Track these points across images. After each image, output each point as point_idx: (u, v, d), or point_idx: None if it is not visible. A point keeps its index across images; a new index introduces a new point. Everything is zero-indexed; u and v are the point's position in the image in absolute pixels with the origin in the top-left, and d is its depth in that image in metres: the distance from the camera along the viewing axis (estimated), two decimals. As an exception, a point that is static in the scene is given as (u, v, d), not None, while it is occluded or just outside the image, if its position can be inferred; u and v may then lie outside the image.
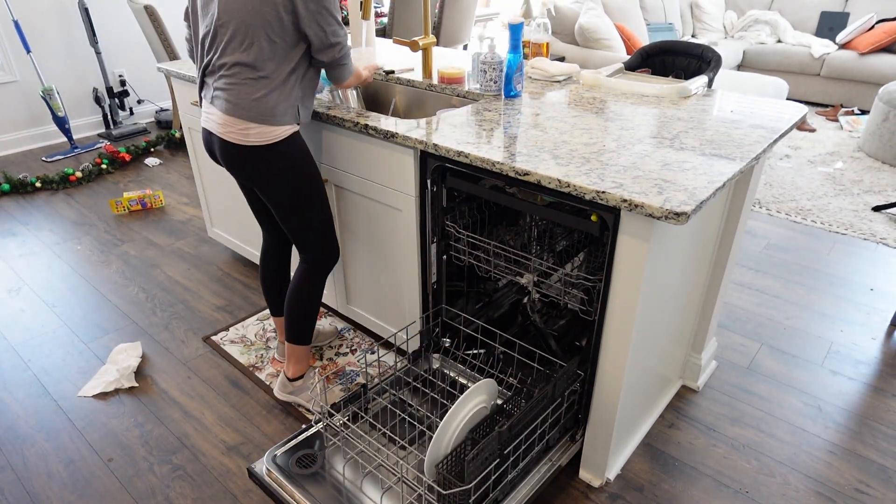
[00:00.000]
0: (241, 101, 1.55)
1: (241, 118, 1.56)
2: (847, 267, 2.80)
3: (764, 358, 2.22)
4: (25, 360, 2.24)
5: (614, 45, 4.29)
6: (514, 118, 1.74)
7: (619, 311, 1.42)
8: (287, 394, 1.95)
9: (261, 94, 1.55)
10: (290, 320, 1.85)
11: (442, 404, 1.73)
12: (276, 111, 1.57)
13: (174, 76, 2.41)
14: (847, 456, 1.82)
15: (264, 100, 1.55)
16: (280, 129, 1.60)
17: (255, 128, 1.57)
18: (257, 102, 1.55)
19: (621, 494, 1.69)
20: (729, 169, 1.38)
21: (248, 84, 1.55)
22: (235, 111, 1.56)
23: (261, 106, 1.56)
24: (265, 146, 1.60)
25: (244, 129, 1.58)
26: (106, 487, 1.73)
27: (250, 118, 1.56)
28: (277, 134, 1.60)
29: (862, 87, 4.96)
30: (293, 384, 1.93)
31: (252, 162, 1.63)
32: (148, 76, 4.81)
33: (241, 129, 1.58)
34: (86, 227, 3.20)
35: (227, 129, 1.59)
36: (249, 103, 1.55)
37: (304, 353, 1.91)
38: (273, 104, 1.56)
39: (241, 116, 1.56)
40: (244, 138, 1.59)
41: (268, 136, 1.59)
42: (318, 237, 1.78)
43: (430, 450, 1.34)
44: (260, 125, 1.57)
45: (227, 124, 1.59)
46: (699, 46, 2.18)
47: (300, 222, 1.74)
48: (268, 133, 1.58)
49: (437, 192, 1.71)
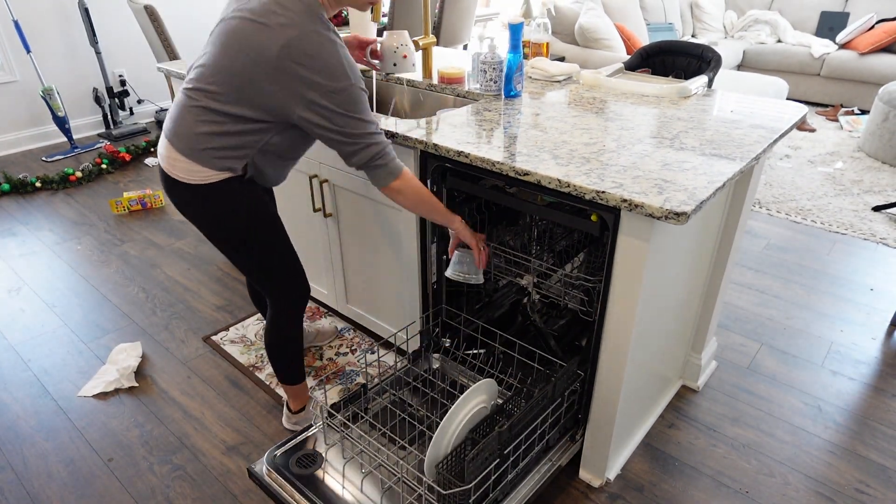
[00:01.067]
0: (178, 126, 1.36)
1: (171, 145, 1.37)
2: (847, 267, 2.80)
3: (764, 358, 2.22)
4: (25, 360, 2.24)
5: (614, 45, 4.29)
6: (514, 118, 1.74)
7: (619, 311, 1.42)
8: (293, 424, 1.90)
9: (200, 130, 1.33)
10: (275, 363, 1.75)
11: (442, 404, 1.73)
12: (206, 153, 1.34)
13: (174, 76, 2.41)
14: (847, 456, 1.82)
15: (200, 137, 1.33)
16: (206, 172, 1.37)
17: (181, 162, 1.36)
18: (192, 136, 1.33)
19: (621, 494, 1.69)
20: (729, 169, 1.38)
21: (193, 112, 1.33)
22: (169, 135, 1.38)
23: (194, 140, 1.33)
24: (191, 185, 1.38)
25: (173, 158, 1.38)
26: (106, 487, 1.73)
27: (178, 148, 1.35)
28: (204, 176, 1.37)
29: (862, 87, 4.96)
30: (297, 416, 1.89)
31: (179, 198, 1.42)
32: (148, 76, 4.81)
33: (170, 158, 1.38)
34: (86, 227, 3.20)
35: (162, 153, 1.41)
36: (184, 132, 1.34)
37: (301, 390, 1.83)
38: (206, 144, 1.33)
39: (171, 144, 1.37)
40: (171, 169, 1.39)
41: (193, 177, 1.37)
42: (278, 282, 1.59)
43: (430, 450, 1.34)
44: (185, 160, 1.35)
45: (163, 148, 1.41)
46: (699, 46, 2.18)
47: (254, 268, 1.56)
48: (194, 172, 1.36)
49: (437, 192, 1.71)
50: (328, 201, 2.05)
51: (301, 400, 1.86)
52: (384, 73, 2.31)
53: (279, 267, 1.57)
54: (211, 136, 1.33)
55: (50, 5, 4.16)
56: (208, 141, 1.34)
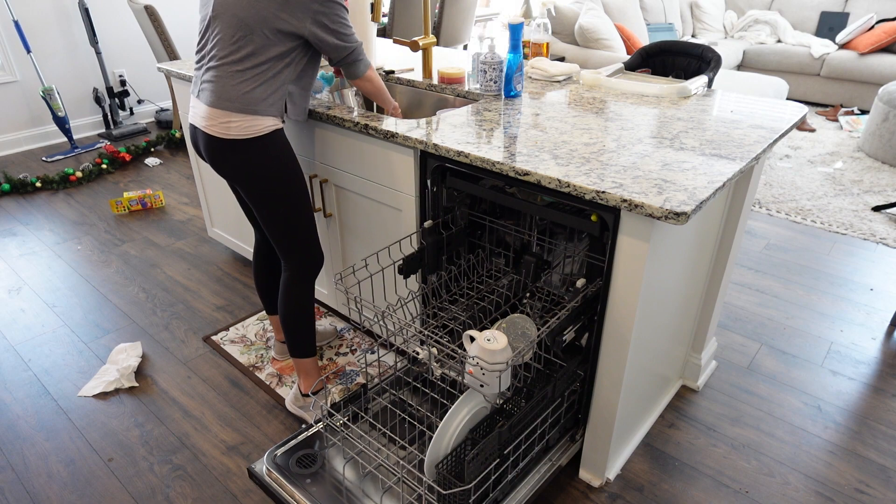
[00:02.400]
0: (225, 92, 1.53)
1: (224, 110, 1.54)
2: (847, 267, 2.80)
3: (764, 358, 2.22)
4: (25, 360, 2.24)
5: (614, 45, 4.29)
6: (514, 118, 1.74)
7: (619, 311, 1.42)
8: (298, 408, 1.91)
9: (248, 88, 1.53)
10: (288, 334, 1.82)
11: (442, 404, 1.73)
12: (260, 104, 1.55)
13: (174, 76, 2.41)
14: (847, 456, 1.82)
15: (251, 93, 1.53)
16: (263, 122, 1.57)
17: (236, 120, 1.55)
18: (243, 95, 1.53)
19: (621, 494, 1.69)
20: (729, 169, 1.38)
21: (235, 76, 1.53)
22: (219, 103, 1.54)
23: (246, 98, 1.53)
24: (246, 140, 1.57)
25: (226, 121, 1.55)
26: (106, 487, 1.73)
27: (234, 109, 1.54)
28: (260, 128, 1.57)
29: (862, 87, 4.97)
30: (306, 399, 1.89)
31: (233, 157, 1.60)
32: (148, 76, 4.81)
33: (223, 122, 1.55)
34: (86, 227, 3.20)
35: (210, 123, 1.57)
36: (234, 95, 1.53)
37: (311, 366, 1.86)
38: (259, 97, 1.54)
39: (224, 108, 1.54)
40: (226, 132, 1.56)
41: (250, 130, 1.56)
42: (299, 241, 1.73)
43: (430, 450, 1.34)
44: (242, 117, 1.54)
45: (211, 117, 1.56)
46: (699, 46, 2.18)
47: (281, 224, 1.70)
48: (250, 127, 1.56)
49: (437, 192, 1.71)
50: (328, 201, 2.05)
51: (312, 379, 1.88)
52: (384, 74, 2.31)
53: (304, 225, 1.72)
54: (255, 88, 1.53)
55: (50, 5, 4.17)
56: (254, 92, 1.53)
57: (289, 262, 1.76)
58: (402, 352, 2.13)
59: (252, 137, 1.57)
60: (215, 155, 1.61)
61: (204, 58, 1.59)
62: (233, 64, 1.52)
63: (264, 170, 1.61)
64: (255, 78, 1.53)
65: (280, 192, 1.65)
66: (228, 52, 1.52)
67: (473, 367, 1.32)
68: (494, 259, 1.92)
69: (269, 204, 1.66)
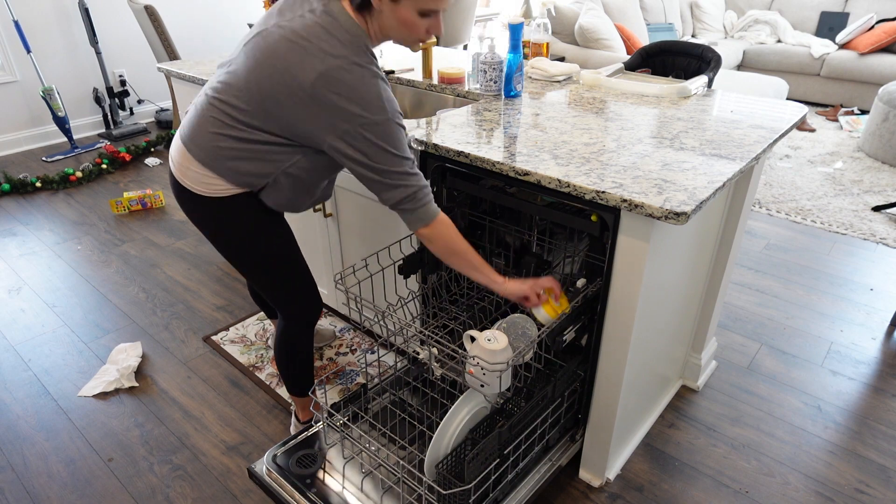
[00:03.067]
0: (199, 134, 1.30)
1: (188, 151, 1.32)
2: (847, 267, 2.80)
3: (764, 358, 2.22)
4: (25, 360, 2.24)
5: (614, 45, 4.29)
6: (514, 118, 1.74)
7: (619, 311, 1.42)
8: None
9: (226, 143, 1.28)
10: (285, 376, 1.72)
11: (442, 404, 1.73)
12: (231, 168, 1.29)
13: (174, 76, 2.41)
14: (847, 456, 1.82)
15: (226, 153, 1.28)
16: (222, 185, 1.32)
17: (195, 169, 1.31)
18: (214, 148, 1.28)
19: (621, 494, 1.69)
20: (729, 169, 1.38)
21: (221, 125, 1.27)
22: (187, 142, 1.32)
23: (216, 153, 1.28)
24: (201, 196, 1.34)
25: (186, 165, 1.33)
26: (106, 487, 1.73)
27: (196, 156, 1.30)
28: (217, 189, 1.32)
29: (862, 87, 4.97)
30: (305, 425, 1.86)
31: (188, 206, 1.39)
32: (148, 76, 4.81)
33: (183, 165, 1.34)
34: (86, 227, 3.20)
35: (174, 157, 1.37)
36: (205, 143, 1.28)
37: (309, 401, 1.82)
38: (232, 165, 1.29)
39: (188, 150, 1.31)
40: (183, 176, 1.34)
41: (205, 188, 1.32)
42: (287, 296, 1.56)
43: (430, 450, 1.34)
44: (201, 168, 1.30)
45: (176, 152, 1.36)
46: (699, 46, 2.18)
47: (263, 282, 1.52)
48: (207, 183, 1.32)
49: (437, 192, 1.71)
50: (328, 201, 2.05)
51: (309, 411, 1.84)
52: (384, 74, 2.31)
53: (290, 285, 1.54)
54: (232, 150, 1.28)
55: (50, 5, 4.17)
56: (229, 154, 1.28)
57: (283, 313, 1.60)
58: (402, 352, 2.13)
59: (206, 196, 1.34)
60: (175, 195, 1.41)
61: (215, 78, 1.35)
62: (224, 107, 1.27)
63: (223, 231, 1.39)
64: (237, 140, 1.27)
65: (250, 254, 1.45)
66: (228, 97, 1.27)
67: (474, 368, 1.31)
68: (494, 259, 1.92)
69: (240, 265, 1.48)
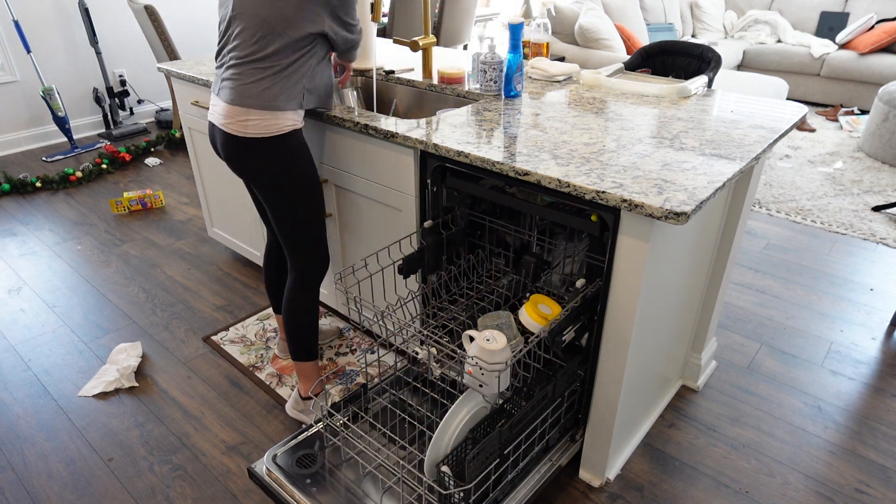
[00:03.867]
0: (245, 90, 1.54)
1: (243, 107, 1.55)
2: (847, 267, 2.80)
3: (764, 358, 2.22)
4: (25, 360, 2.24)
5: (614, 45, 4.29)
6: (514, 118, 1.74)
7: (619, 311, 1.42)
8: (298, 412, 1.91)
9: (267, 85, 1.54)
10: (290, 337, 1.81)
11: (442, 404, 1.73)
12: (279, 99, 1.55)
13: (174, 76, 2.41)
14: (847, 456, 1.82)
15: (270, 90, 1.54)
16: (281, 121, 1.57)
17: (255, 118, 1.55)
18: (262, 92, 1.54)
19: (621, 494, 1.69)
20: (729, 169, 1.38)
21: (255, 73, 1.54)
22: (239, 100, 1.55)
23: (265, 95, 1.54)
24: (264, 139, 1.57)
25: (244, 119, 1.55)
26: (106, 487, 1.73)
27: (253, 106, 1.54)
28: (278, 127, 1.57)
29: (862, 87, 4.97)
30: (305, 403, 1.89)
31: (250, 156, 1.60)
32: (148, 76, 4.81)
33: (241, 120, 1.56)
34: (86, 227, 3.20)
35: (228, 120, 1.57)
36: (253, 92, 1.54)
37: (312, 369, 1.86)
38: (277, 93, 1.55)
39: (243, 105, 1.55)
40: (244, 129, 1.56)
41: (268, 129, 1.56)
42: (308, 243, 1.73)
43: (430, 450, 1.34)
44: (260, 114, 1.55)
45: (230, 115, 1.57)
46: (699, 46, 2.18)
47: (292, 224, 1.70)
48: (268, 125, 1.56)
49: (437, 192, 1.71)
50: (328, 201, 2.05)
51: (311, 383, 1.88)
52: (384, 74, 2.31)
53: (314, 227, 1.72)
54: (275, 85, 1.54)
55: (50, 5, 4.17)
56: (275, 90, 1.54)
57: (295, 263, 1.75)
58: (401, 352, 2.13)
59: (270, 136, 1.58)
60: (233, 153, 1.62)
61: (224, 56, 1.60)
62: (253, 62, 1.53)
63: (281, 169, 1.62)
64: (275, 76, 1.54)
65: (295, 193, 1.66)
66: (249, 52, 1.53)
67: (473, 367, 1.32)
68: (494, 259, 1.92)
69: (282, 203, 1.67)
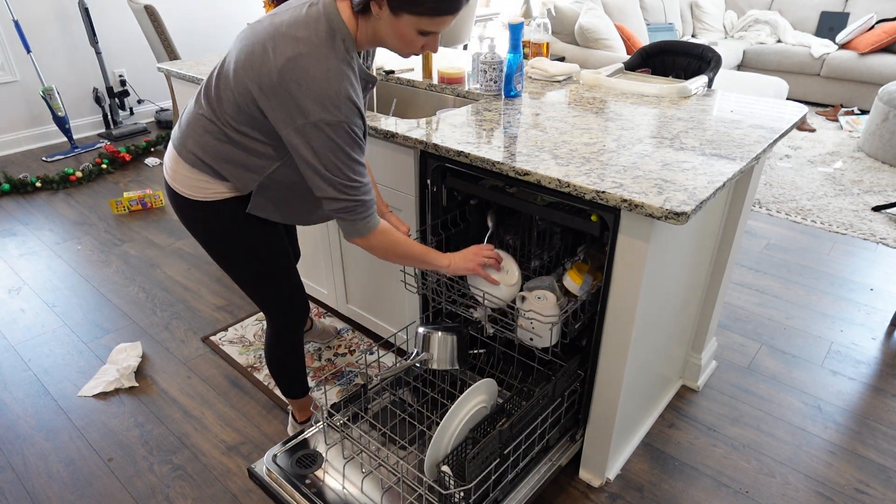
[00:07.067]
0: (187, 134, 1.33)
1: (178, 154, 1.34)
2: (847, 267, 2.80)
3: (764, 358, 2.22)
4: (25, 360, 2.24)
5: (614, 45, 4.29)
6: (514, 118, 1.74)
7: (619, 311, 1.42)
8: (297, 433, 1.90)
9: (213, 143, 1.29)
10: (278, 381, 1.73)
11: (442, 404, 1.73)
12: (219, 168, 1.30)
13: (174, 76, 2.41)
14: (847, 456, 1.82)
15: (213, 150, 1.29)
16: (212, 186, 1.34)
17: (184, 172, 1.34)
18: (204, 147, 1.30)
19: (621, 494, 1.69)
20: (729, 169, 1.38)
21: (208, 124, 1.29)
22: (177, 145, 1.35)
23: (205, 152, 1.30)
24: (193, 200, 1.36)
25: (175, 169, 1.36)
26: (106, 487, 1.73)
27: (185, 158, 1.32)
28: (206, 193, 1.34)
29: (862, 87, 4.97)
30: (302, 425, 1.87)
31: (178, 210, 1.41)
32: (148, 76, 4.81)
33: (173, 169, 1.36)
34: (86, 227, 3.20)
35: (167, 166, 1.39)
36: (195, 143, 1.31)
37: (305, 402, 1.82)
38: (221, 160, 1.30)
39: (178, 153, 1.34)
40: (172, 180, 1.37)
41: (195, 191, 1.34)
42: (274, 301, 1.55)
43: (430, 449, 1.34)
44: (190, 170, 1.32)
45: (168, 158, 1.39)
46: (699, 46, 2.18)
47: (248, 288, 1.53)
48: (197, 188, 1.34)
49: (437, 192, 1.71)
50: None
51: (306, 412, 1.84)
52: (384, 74, 2.31)
53: (276, 285, 1.52)
54: (218, 152, 1.29)
55: (50, 5, 4.16)
56: (215, 156, 1.30)
57: (268, 316, 1.61)
58: (401, 352, 2.13)
59: (196, 200, 1.36)
60: (168, 199, 1.43)
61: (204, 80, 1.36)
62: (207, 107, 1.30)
63: (212, 237, 1.41)
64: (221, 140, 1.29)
65: (237, 260, 1.46)
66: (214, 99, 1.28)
67: (525, 322, 1.49)
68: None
69: (227, 269, 1.50)
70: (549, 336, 1.49)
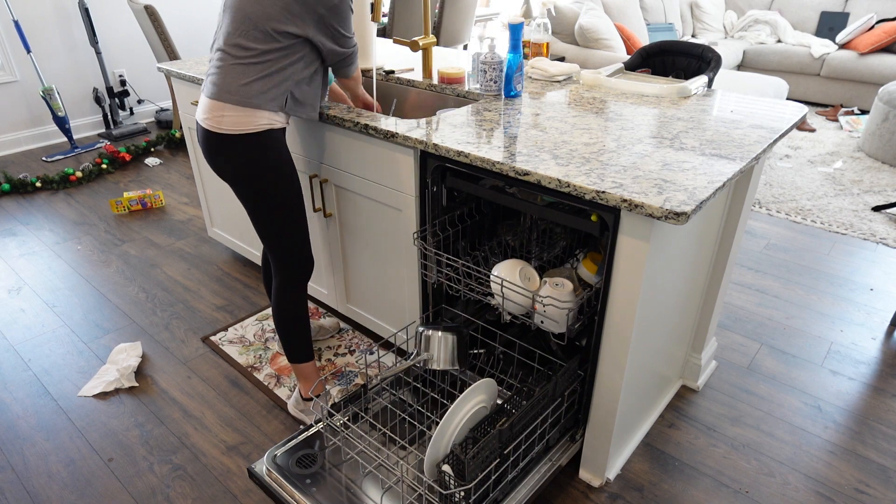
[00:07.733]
0: (225, 84, 1.51)
1: (221, 101, 1.51)
2: (847, 267, 2.80)
3: (764, 358, 2.22)
4: (25, 360, 2.24)
5: (614, 45, 4.29)
6: (514, 118, 1.74)
7: (619, 311, 1.42)
8: (300, 411, 1.90)
9: (246, 80, 1.50)
10: (283, 340, 1.80)
11: (442, 404, 1.73)
12: (257, 98, 1.51)
13: (174, 76, 2.41)
14: (847, 456, 1.82)
15: (249, 85, 1.50)
16: (257, 119, 1.53)
17: (230, 114, 1.51)
18: (240, 87, 1.50)
19: (621, 494, 1.69)
20: (729, 169, 1.38)
21: (236, 68, 1.50)
22: (217, 95, 1.52)
23: (243, 90, 1.50)
24: (238, 136, 1.53)
25: (220, 114, 1.52)
26: (106, 487, 1.73)
27: (230, 101, 1.50)
28: (253, 125, 1.53)
29: (862, 87, 4.97)
30: (307, 403, 1.89)
31: (224, 152, 1.56)
32: (148, 76, 4.81)
33: (217, 116, 1.52)
34: (86, 227, 3.20)
35: (206, 116, 1.54)
36: (232, 87, 1.50)
37: (310, 370, 1.85)
38: (256, 90, 1.51)
39: (220, 100, 1.51)
40: (219, 125, 1.53)
41: (242, 126, 1.52)
42: (287, 245, 1.70)
43: (430, 449, 1.34)
44: (236, 110, 1.51)
45: (208, 110, 1.54)
46: (699, 46, 2.18)
47: (269, 226, 1.67)
48: (243, 122, 1.52)
49: (437, 192, 1.71)
50: (328, 201, 2.05)
51: (311, 383, 1.87)
52: (384, 74, 2.31)
53: (294, 230, 1.69)
54: (255, 81, 1.51)
55: (50, 5, 4.16)
56: (254, 85, 1.51)
57: (278, 264, 1.73)
58: (401, 352, 2.13)
59: (243, 133, 1.53)
60: (209, 150, 1.59)
61: (213, 51, 1.58)
62: (235, 57, 1.51)
63: (254, 168, 1.57)
64: (256, 71, 1.50)
65: (269, 194, 1.61)
66: (233, 45, 1.51)
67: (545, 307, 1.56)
68: (494, 259, 1.92)
69: (258, 204, 1.63)
70: (565, 321, 1.56)
